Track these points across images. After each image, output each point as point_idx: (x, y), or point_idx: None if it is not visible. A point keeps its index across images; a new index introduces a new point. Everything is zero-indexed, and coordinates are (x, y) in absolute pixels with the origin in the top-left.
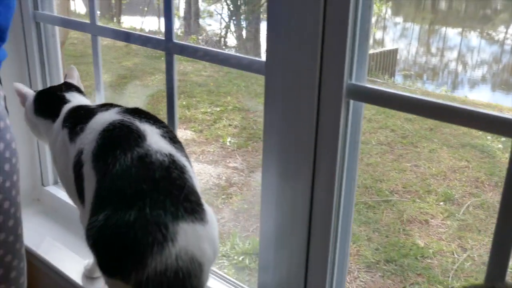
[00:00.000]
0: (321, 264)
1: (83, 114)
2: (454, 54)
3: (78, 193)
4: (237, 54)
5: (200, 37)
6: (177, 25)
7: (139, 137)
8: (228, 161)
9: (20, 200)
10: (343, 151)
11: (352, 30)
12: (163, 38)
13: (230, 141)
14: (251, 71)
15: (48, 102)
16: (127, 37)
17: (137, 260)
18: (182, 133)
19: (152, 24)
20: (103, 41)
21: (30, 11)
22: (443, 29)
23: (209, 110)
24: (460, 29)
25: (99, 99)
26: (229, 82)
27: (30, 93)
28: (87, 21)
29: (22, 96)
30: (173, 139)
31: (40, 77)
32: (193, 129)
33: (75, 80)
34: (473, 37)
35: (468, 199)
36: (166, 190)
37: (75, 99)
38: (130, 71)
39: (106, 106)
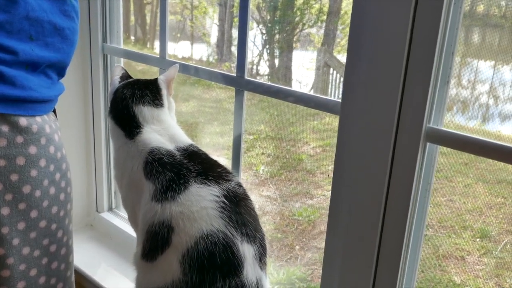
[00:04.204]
0: None
1: (173, 177)
2: (486, 87)
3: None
4: (311, 94)
5: (233, 65)
6: (209, 51)
7: (239, 265)
8: (261, 190)
9: (72, 228)
10: (416, 192)
11: (435, 75)
12: (234, 75)
13: (263, 170)
14: (326, 111)
15: (123, 120)
16: (198, 72)
17: None
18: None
19: (185, 50)
20: (138, 66)
21: (99, 44)
22: (475, 61)
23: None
24: (493, 62)
25: None
26: (262, 110)
27: (114, 84)
28: (153, 54)
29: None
30: (262, 258)
31: (103, 107)
32: (226, 156)
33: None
34: (506, 71)
35: (506, 237)
36: None
37: (152, 133)
38: None
39: (193, 161)
